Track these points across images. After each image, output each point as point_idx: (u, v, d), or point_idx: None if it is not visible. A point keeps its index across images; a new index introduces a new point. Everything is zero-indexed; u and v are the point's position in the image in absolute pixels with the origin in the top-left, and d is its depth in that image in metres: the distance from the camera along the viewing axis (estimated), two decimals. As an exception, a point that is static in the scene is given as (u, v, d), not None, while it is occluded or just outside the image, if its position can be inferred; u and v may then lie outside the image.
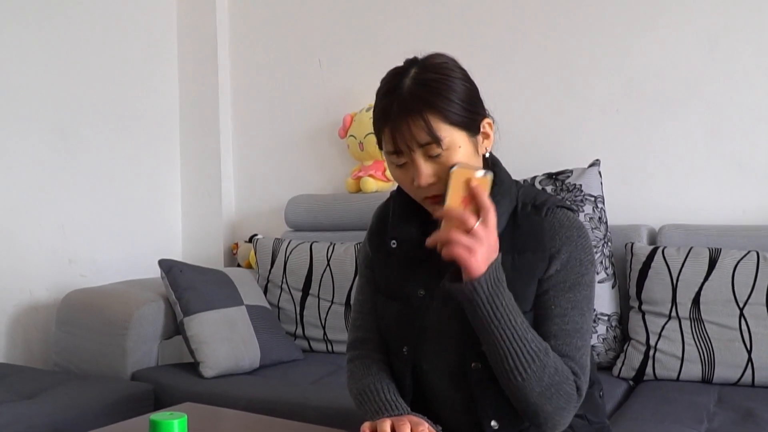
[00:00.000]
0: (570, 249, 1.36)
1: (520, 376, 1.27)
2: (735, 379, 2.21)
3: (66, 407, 2.19)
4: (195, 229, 3.60)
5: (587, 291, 1.37)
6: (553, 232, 1.36)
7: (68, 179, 3.09)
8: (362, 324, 1.54)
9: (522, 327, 1.27)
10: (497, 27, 2.97)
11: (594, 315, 2.39)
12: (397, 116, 1.30)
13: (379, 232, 1.53)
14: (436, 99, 1.29)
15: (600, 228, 2.47)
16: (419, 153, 1.31)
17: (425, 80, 1.31)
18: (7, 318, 2.88)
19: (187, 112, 3.60)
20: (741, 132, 2.59)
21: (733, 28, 2.59)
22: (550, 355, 1.29)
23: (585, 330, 1.35)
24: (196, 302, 2.62)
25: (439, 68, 1.33)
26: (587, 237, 1.39)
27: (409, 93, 1.30)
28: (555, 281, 1.35)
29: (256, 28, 3.53)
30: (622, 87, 2.76)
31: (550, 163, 2.64)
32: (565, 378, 1.29)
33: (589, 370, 1.36)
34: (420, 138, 1.29)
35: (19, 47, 2.90)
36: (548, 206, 1.38)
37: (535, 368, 1.26)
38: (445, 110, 1.29)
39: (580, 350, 1.34)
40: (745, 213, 2.57)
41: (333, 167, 3.34)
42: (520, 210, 1.39)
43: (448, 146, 1.30)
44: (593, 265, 1.39)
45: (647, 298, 2.36)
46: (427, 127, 1.28)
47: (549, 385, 1.27)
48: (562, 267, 1.35)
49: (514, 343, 1.26)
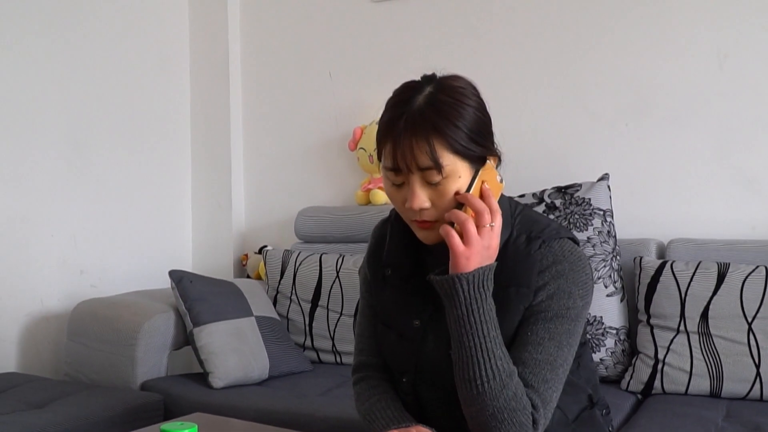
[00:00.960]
0: (559, 282, 1.30)
1: (476, 390, 1.23)
2: (743, 393, 2.21)
3: (76, 417, 2.19)
4: (205, 240, 3.61)
5: (570, 325, 1.30)
6: (543, 267, 1.31)
7: (80, 190, 3.11)
8: (364, 348, 1.54)
9: (493, 341, 1.24)
10: (507, 41, 2.98)
11: (602, 328, 2.42)
12: (402, 134, 1.25)
13: (376, 255, 1.50)
14: (444, 124, 1.24)
15: (609, 242, 2.48)
16: (417, 176, 1.27)
17: (438, 102, 1.26)
18: (18, 328, 2.89)
19: (198, 124, 3.62)
20: (750, 147, 2.59)
21: (743, 43, 2.60)
22: (513, 380, 1.24)
23: (558, 364, 1.28)
24: (206, 313, 2.63)
25: (454, 92, 1.28)
26: (582, 270, 1.33)
27: (418, 112, 1.25)
28: (537, 309, 1.30)
29: (268, 40, 3.55)
30: (631, 101, 2.76)
31: (559, 177, 2.64)
32: (521, 407, 1.23)
33: (553, 406, 1.28)
34: (421, 162, 1.25)
35: (32, 59, 2.93)
36: (543, 238, 1.33)
37: (494, 385, 1.22)
38: (452, 138, 1.25)
39: (547, 383, 1.27)
40: (754, 229, 2.57)
41: (343, 179, 3.35)
42: (513, 240, 1.34)
43: (448, 174, 1.26)
44: (584, 298, 1.33)
45: (656, 312, 2.36)
46: (431, 152, 1.24)
47: (503, 408, 1.22)
48: (547, 298, 1.30)
49: (481, 353, 1.23)
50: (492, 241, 1.26)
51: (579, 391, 1.44)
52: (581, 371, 1.45)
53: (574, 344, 1.32)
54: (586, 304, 1.34)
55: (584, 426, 1.43)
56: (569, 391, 1.37)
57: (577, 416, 1.43)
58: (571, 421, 1.41)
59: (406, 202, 1.29)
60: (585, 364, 1.47)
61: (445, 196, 1.27)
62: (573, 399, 1.42)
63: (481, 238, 1.24)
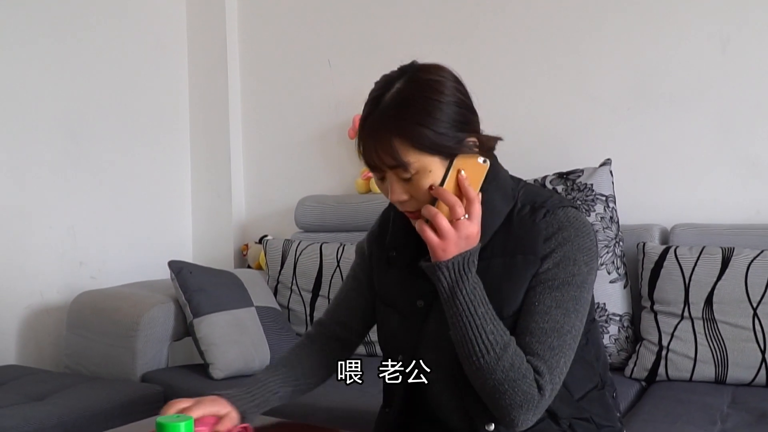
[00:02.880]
0: (565, 249, 1.32)
1: (474, 365, 1.26)
2: (749, 379, 2.19)
3: (76, 409, 2.19)
4: (205, 231, 3.60)
5: (577, 291, 1.32)
6: (548, 234, 1.33)
7: (78, 182, 3.09)
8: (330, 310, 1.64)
9: (482, 318, 1.27)
10: (507, 27, 2.95)
11: (606, 315, 2.40)
12: (367, 136, 1.30)
13: (380, 237, 1.54)
14: (407, 124, 1.27)
15: (611, 228, 2.46)
16: (390, 172, 1.31)
17: (405, 99, 1.28)
18: (18, 320, 2.89)
19: (197, 113, 3.60)
20: (754, 131, 2.57)
21: (745, 26, 2.57)
22: (508, 351, 1.26)
23: (566, 331, 1.30)
24: (206, 304, 2.62)
25: (425, 85, 1.29)
26: (587, 236, 1.35)
27: (382, 112, 1.28)
28: (543, 278, 1.32)
29: (266, 28, 3.53)
30: (633, 86, 2.74)
31: (560, 163, 2.62)
32: (521, 376, 1.25)
33: (562, 373, 1.30)
34: (387, 161, 1.29)
35: (28, 49, 2.91)
36: (547, 208, 1.35)
37: (488, 359, 1.25)
38: (415, 137, 1.26)
39: (554, 350, 1.28)
40: (758, 213, 2.54)
41: (343, 168, 3.34)
42: (517, 211, 1.37)
43: (417, 170, 1.28)
44: (589, 264, 1.34)
45: (659, 298, 2.34)
46: (394, 153, 1.27)
47: (502, 380, 1.25)
48: (553, 266, 1.32)
49: (472, 331, 1.26)
50: (469, 230, 1.28)
51: (587, 367, 1.44)
52: (590, 347, 1.45)
53: (582, 311, 1.34)
54: (591, 269, 1.35)
55: (593, 406, 1.43)
56: (576, 364, 1.37)
57: (585, 395, 1.43)
58: (576, 399, 1.40)
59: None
60: (594, 341, 1.47)
61: (420, 189, 1.30)
62: (581, 374, 1.41)
63: (457, 230, 1.27)
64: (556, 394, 1.30)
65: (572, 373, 1.36)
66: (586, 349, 1.43)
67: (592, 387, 1.44)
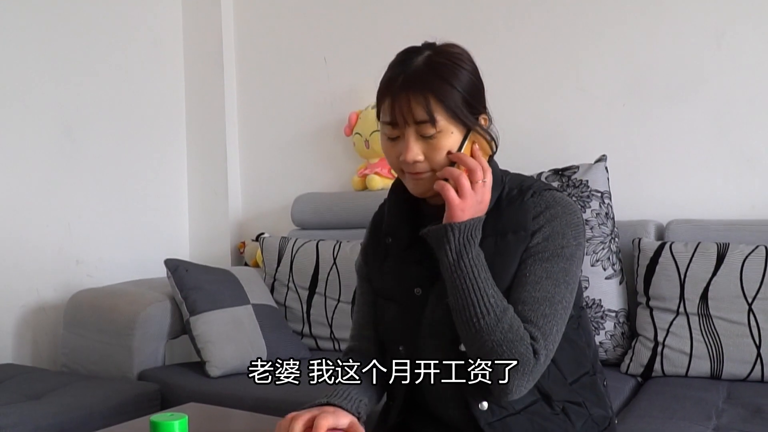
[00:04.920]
0: (553, 225, 1.37)
1: (474, 328, 1.29)
2: (744, 375, 2.19)
3: (73, 407, 2.19)
4: (202, 229, 3.60)
5: (566, 264, 1.36)
6: (537, 212, 1.38)
7: (75, 179, 3.09)
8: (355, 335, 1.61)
9: (485, 282, 1.30)
10: (503, 22, 2.95)
11: (601, 311, 2.40)
12: (400, 89, 1.34)
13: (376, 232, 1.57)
14: (440, 83, 1.33)
15: (607, 224, 2.46)
16: (412, 129, 1.35)
17: (435, 63, 1.35)
18: (14, 319, 2.89)
19: (193, 111, 3.60)
20: (749, 126, 2.57)
21: (740, 20, 2.57)
22: (507, 314, 1.29)
23: (557, 300, 1.34)
24: (203, 302, 2.62)
25: (450, 56, 1.38)
26: (574, 213, 1.40)
27: (416, 70, 1.35)
28: (534, 251, 1.37)
29: (262, 25, 3.53)
30: (628, 81, 2.74)
31: (556, 159, 2.62)
32: (518, 337, 1.28)
33: (555, 341, 1.33)
34: (417, 114, 1.33)
35: (24, 45, 2.90)
36: (534, 189, 1.41)
37: (489, 321, 1.28)
38: (446, 97, 1.33)
39: (546, 317, 1.32)
40: (753, 208, 2.55)
41: (339, 165, 3.34)
42: (506, 194, 1.42)
43: (442, 129, 1.34)
44: (577, 239, 1.39)
45: (655, 294, 2.35)
46: (426, 105, 1.32)
47: (501, 341, 1.27)
48: (543, 239, 1.37)
49: (475, 294, 1.29)
50: (484, 196, 1.35)
51: (579, 352, 1.47)
52: (581, 332, 1.49)
53: (572, 284, 1.38)
54: (579, 244, 1.39)
55: (586, 391, 1.45)
56: (567, 347, 1.41)
57: (578, 379, 1.45)
58: (569, 382, 1.43)
59: (400, 155, 1.37)
60: (584, 327, 1.51)
61: (438, 150, 1.35)
62: (572, 357, 1.44)
63: (475, 193, 1.33)
64: (549, 362, 1.33)
65: (565, 356, 1.40)
66: (577, 333, 1.47)
67: (584, 372, 1.47)
